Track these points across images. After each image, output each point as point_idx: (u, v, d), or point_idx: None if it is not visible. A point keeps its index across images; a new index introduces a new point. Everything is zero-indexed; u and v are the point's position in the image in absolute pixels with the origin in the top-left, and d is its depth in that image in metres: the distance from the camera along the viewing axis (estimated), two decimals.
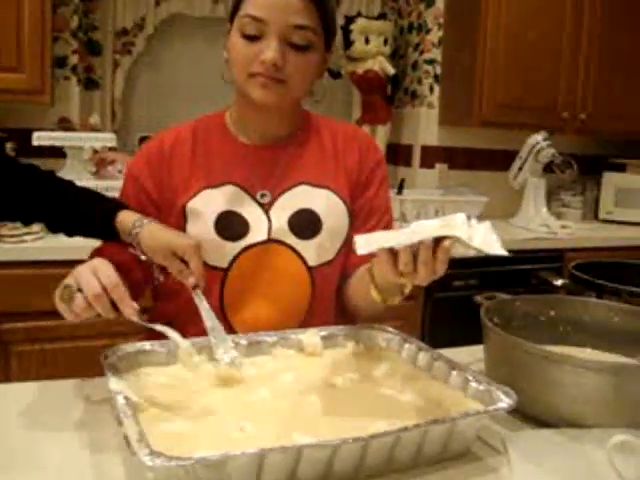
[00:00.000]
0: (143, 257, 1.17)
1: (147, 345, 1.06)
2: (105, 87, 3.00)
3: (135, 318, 1.01)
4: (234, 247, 1.25)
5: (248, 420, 0.88)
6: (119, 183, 2.49)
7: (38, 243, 2.28)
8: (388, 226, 1.36)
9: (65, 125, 2.72)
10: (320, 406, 0.95)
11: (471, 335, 1.28)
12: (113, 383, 0.91)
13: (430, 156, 3.34)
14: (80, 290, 1.00)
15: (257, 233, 1.26)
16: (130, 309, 1.00)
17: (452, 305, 2.71)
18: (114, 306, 1.00)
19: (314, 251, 1.28)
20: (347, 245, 1.31)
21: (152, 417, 0.87)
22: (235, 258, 1.25)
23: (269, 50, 1.17)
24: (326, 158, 1.34)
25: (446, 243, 0.90)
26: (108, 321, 2.26)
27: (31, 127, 2.53)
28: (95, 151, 2.72)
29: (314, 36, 1.21)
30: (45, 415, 1.00)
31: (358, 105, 3.37)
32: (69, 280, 1.04)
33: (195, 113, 3.18)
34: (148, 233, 1.15)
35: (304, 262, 1.27)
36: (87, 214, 1.26)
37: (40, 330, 2.24)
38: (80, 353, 2.22)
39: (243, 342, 1.11)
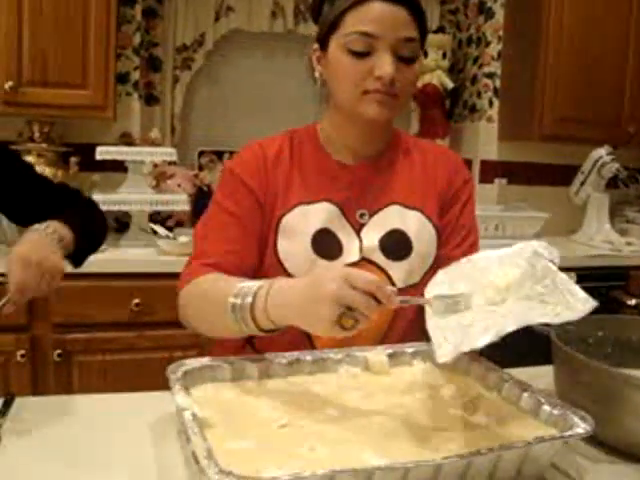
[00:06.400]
0: None
1: (212, 361, 1.05)
2: (165, 102, 3.05)
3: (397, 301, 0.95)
4: (329, 266, 1.23)
5: (316, 439, 0.87)
6: (178, 197, 2.56)
7: (100, 256, 2.31)
8: (473, 247, 1.33)
9: (126, 140, 2.78)
10: (389, 426, 0.93)
11: (534, 354, 1.25)
12: (180, 399, 0.90)
13: (489, 171, 3.29)
14: (350, 309, 0.91)
15: (350, 253, 1.25)
16: (393, 300, 0.94)
17: None
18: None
19: (403, 273, 1.27)
20: (433, 269, 1.27)
21: (219, 434, 0.86)
22: None
23: (385, 65, 1.16)
24: (417, 179, 1.32)
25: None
26: (167, 335, 2.28)
27: (94, 142, 2.58)
28: (155, 165, 2.76)
29: (418, 48, 1.21)
30: (110, 430, 0.99)
31: (416, 119, 3.35)
32: (331, 308, 0.91)
33: (253, 127, 3.22)
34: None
35: (392, 283, 1.25)
36: None
37: (101, 341, 2.29)
38: (140, 365, 2.25)
39: (308, 358, 1.09)
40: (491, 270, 1.01)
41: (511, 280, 0.98)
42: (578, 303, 0.91)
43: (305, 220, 1.24)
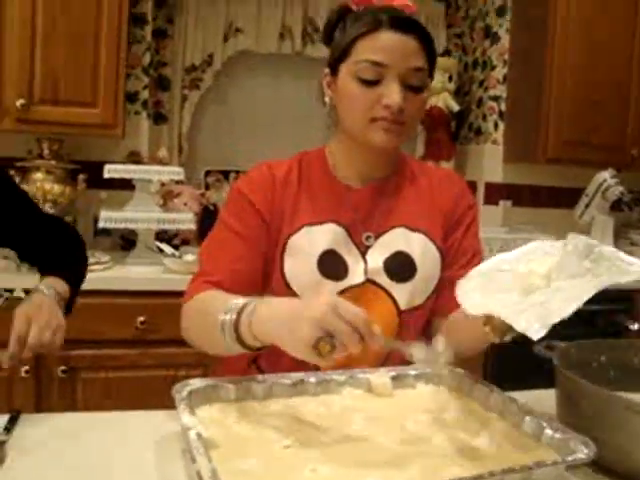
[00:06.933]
0: None
1: (217, 381, 1.05)
2: (173, 122, 3.08)
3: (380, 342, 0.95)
4: (335, 287, 1.25)
5: (319, 460, 0.87)
6: (185, 215, 2.58)
7: (106, 273, 2.33)
8: None
9: (134, 158, 2.79)
10: (391, 448, 0.93)
11: (536, 377, 1.26)
12: (185, 418, 0.91)
13: (494, 193, 3.30)
14: (331, 336, 0.90)
15: (355, 275, 1.27)
16: (377, 343, 0.94)
17: (515, 344, 2.64)
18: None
19: (407, 295, 1.28)
20: (437, 291, 1.31)
21: (223, 454, 0.87)
22: None
23: (394, 94, 1.18)
24: (423, 202, 1.34)
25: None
26: (172, 353, 2.28)
27: (102, 160, 2.59)
28: (162, 184, 2.78)
29: (427, 77, 1.23)
30: (114, 448, 1.00)
31: (422, 142, 3.37)
32: (312, 329, 0.90)
33: (260, 148, 3.23)
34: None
35: (396, 305, 1.27)
36: None
37: (106, 358, 2.29)
38: (144, 383, 2.26)
39: (312, 380, 1.10)
40: (519, 266, 1.02)
41: (551, 265, 0.97)
42: (632, 267, 0.89)
43: (311, 241, 1.26)
